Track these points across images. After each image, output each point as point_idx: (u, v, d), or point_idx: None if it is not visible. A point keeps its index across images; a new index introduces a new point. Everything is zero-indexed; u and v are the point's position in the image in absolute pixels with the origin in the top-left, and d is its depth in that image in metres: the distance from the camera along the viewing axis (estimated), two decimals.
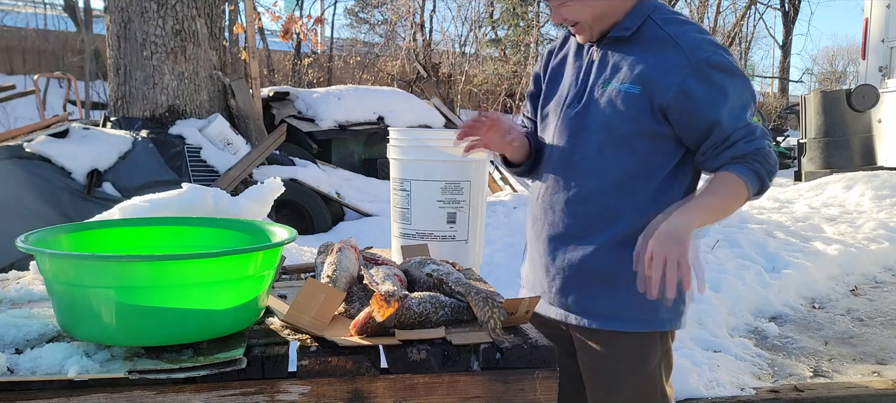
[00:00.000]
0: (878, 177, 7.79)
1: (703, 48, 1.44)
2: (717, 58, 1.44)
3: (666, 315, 1.54)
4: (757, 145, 1.43)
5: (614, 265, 1.52)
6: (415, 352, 1.11)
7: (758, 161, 1.43)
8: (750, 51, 29.67)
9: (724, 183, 1.43)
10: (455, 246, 1.93)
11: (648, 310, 1.52)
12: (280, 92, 7.49)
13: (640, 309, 1.52)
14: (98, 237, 1.33)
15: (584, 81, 1.58)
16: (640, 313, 1.52)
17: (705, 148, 1.47)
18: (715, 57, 1.44)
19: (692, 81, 1.43)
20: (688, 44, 1.45)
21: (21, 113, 10.22)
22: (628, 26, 1.51)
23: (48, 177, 4.48)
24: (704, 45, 1.45)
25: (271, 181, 1.77)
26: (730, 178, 1.42)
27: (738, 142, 1.43)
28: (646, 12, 1.52)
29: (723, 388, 2.98)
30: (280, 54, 20.41)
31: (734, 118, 1.43)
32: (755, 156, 1.43)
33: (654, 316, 1.53)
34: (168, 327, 1.06)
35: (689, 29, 1.49)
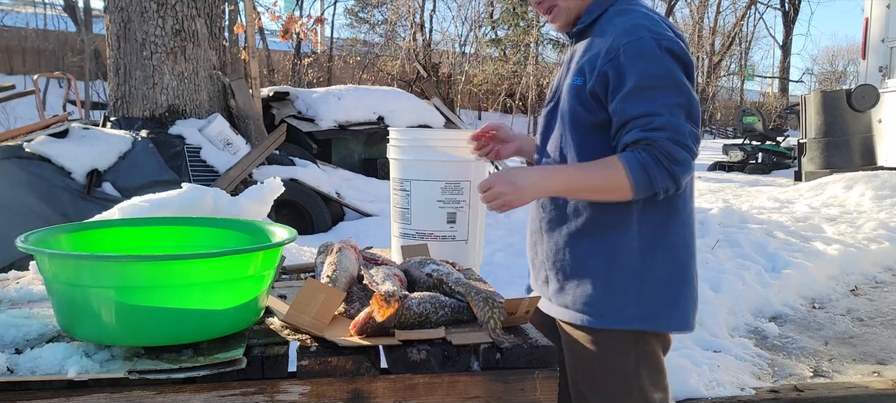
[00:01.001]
0: (878, 177, 7.79)
1: (628, 32, 1.39)
2: (635, 43, 1.37)
3: (635, 313, 1.47)
4: (648, 135, 1.34)
5: (581, 258, 1.51)
6: (415, 352, 1.11)
7: (645, 150, 1.34)
8: (750, 51, 29.68)
9: (603, 164, 1.39)
10: (455, 246, 1.93)
11: (616, 307, 1.48)
12: (280, 92, 7.49)
13: (608, 305, 1.48)
14: (98, 237, 1.33)
15: (559, 80, 1.60)
16: (608, 309, 1.48)
17: (613, 131, 1.42)
18: (633, 42, 1.38)
19: (610, 66, 1.39)
20: (619, 31, 1.41)
21: (21, 113, 10.22)
22: (585, 19, 1.51)
23: (48, 177, 4.48)
24: (632, 30, 1.39)
25: (271, 181, 1.77)
26: (610, 161, 1.38)
27: (633, 128, 1.36)
28: (605, 4, 1.50)
29: (723, 388, 2.98)
30: (280, 54, 20.41)
31: (633, 104, 1.35)
32: (643, 143, 1.34)
33: (620, 313, 1.48)
34: (168, 327, 1.06)
35: (634, 16, 1.43)
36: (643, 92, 1.35)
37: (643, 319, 1.48)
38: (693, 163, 1.39)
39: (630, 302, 1.47)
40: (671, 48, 1.38)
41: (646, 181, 1.34)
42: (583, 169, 1.43)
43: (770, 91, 29.57)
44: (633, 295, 1.48)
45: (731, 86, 29.55)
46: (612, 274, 1.48)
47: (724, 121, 27.10)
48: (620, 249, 1.47)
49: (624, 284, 1.47)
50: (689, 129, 1.36)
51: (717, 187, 9.52)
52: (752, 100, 28.46)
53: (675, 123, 1.35)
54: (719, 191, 9.00)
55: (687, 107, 1.37)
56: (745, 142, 12.64)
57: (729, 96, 29.05)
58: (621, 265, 1.47)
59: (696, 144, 1.37)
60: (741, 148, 12.39)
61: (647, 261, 1.48)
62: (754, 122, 12.41)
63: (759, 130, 12.36)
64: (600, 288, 1.47)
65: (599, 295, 1.48)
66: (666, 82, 1.37)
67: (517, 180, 1.41)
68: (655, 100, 1.35)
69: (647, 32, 1.38)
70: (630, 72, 1.37)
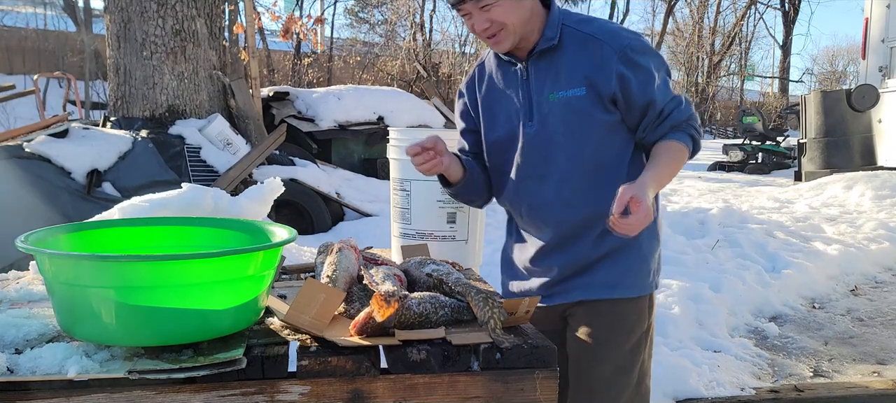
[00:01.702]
0: (878, 177, 7.79)
1: (621, 36, 1.57)
2: (636, 42, 1.57)
3: (654, 277, 1.68)
4: (687, 112, 1.59)
5: (606, 245, 1.62)
6: (415, 352, 1.11)
7: (691, 125, 1.60)
8: (750, 51, 29.68)
9: (670, 150, 1.56)
10: (455, 246, 1.93)
11: (643, 274, 1.65)
12: (280, 92, 7.49)
13: (638, 274, 1.64)
14: (98, 237, 1.33)
15: (527, 99, 1.63)
16: (638, 278, 1.64)
17: (645, 124, 1.59)
18: (634, 41, 1.56)
19: (623, 67, 1.54)
20: (607, 36, 1.56)
21: (21, 113, 10.22)
22: (551, 36, 1.58)
23: (48, 177, 4.48)
24: (620, 33, 1.58)
25: (271, 181, 1.77)
26: (673, 146, 1.56)
27: (671, 112, 1.57)
28: (559, 20, 1.60)
29: (723, 388, 2.98)
30: (280, 54, 20.41)
31: (663, 93, 1.57)
32: (689, 122, 1.59)
33: (645, 279, 1.65)
34: (168, 327, 1.06)
35: (601, 23, 1.62)
36: (666, 82, 1.60)
37: (654, 282, 1.68)
38: None
39: (651, 267, 1.66)
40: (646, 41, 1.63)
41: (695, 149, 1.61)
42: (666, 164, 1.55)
43: (770, 91, 29.56)
44: (653, 260, 1.67)
45: (731, 86, 29.55)
46: (644, 244, 1.64)
47: (724, 121, 27.10)
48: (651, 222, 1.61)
49: (649, 252, 1.66)
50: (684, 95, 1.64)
51: (717, 187, 9.52)
52: (752, 100, 28.46)
53: (685, 98, 1.62)
54: (719, 191, 9.00)
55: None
56: (745, 142, 12.64)
57: (729, 96, 29.05)
58: (652, 232, 1.64)
59: None
60: (741, 148, 12.39)
61: (656, 226, 1.68)
62: (754, 122, 12.41)
63: (759, 130, 12.35)
64: (634, 260, 1.63)
65: (631, 267, 1.63)
66: (664, 68, 1.60)
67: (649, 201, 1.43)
68: (668, 85, 1.60)
69: (632, 33, 1.60)
70: (648, 67, 1.56)
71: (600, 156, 1.59)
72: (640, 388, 1.69)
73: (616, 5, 25.92)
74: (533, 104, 1.61)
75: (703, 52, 26.62)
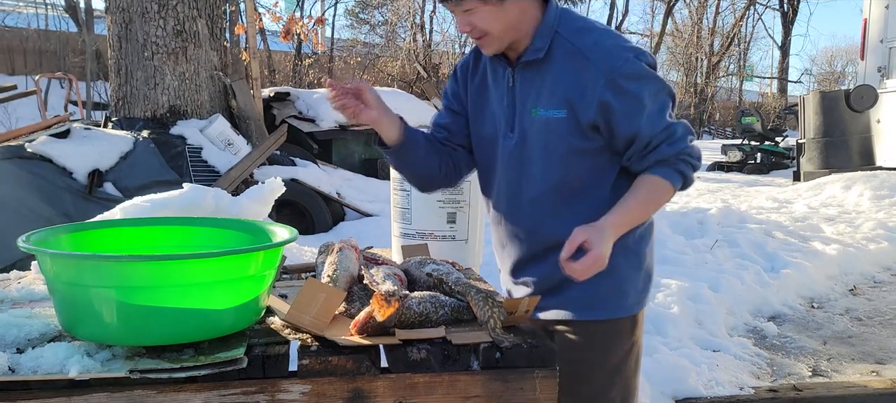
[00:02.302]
0: (876, 177, 7.80)
1: (614, 56, 1.41)
2: (628, 66, 1.41)
3: (634, 298, 1.58)
4: (678, 147, 1.44)
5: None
6: (415, 352, 1.11)
7: (681, 160, 1.45)
8: (749, 51, 29.68)
9: (649, 186, 1.45)
10: (455, 246, 1.94)
11: (621, 296, 1.56)
12: (281, 92, 7.50)
13: (615, 296, 1.55)
14: (99, 237, 1.34)
15: (510, 109, 1.54)
16: (614, 300, 1.55)
17: (630, 154, 1.47)
18: (626, 66, 1.41)
19: (609, 95, 1.41)
20: (598, 55, 1.42)
21: (22, 113, 10.23)
22: (540, 46, 1.47)
23: (49, 177, 4.48)
24: (614, 53, 1.42)
25: (272, 181, 1.77)
26: (654, 182, 1.45)
27: (659, 145, 1.43)
28: (552, 26, 1.47)
29: (722, 388, 2.98)
30: (281, 55, 20.42)
31: (652, 124, 1.43)
32: (678, 157, 1.45)
33: (623, 301, 1.56)
34: (169, 327, 1.06)
35: (598, 37, 1.45)
36: (661, 110, 1.45)
37: (637, 303, 1.58)
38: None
39: (632, 289, 1.56)
40: (651, 63, 1.46)
41: (686, 186, 1.48)
42: (639, 203, 1.46)
43: (769, 91, 29.56)
44: (634, 281, 1.57)
45: (729, 86, 29.54)
46: (621, 267, 1.52)
47: (723, 122, 27.11)
48: (631, 241, 1.54)
49: (629, 273, 1.56)
50: (683, 123, 1.48)
51: (716, 187, 9.52)
52: (750, 100, 28.45)
53: (683, 126, 1.47)
54: (718, 191, 9.00)
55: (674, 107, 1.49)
56: (743, 142, 12.64)
57: (728, 97, 29.05)
58: (629, 255, 1.55)
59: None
60: (740, 148, 12.39)
61: (643, 246, 1.58)
62: (753, 123, 12.41)
63: (758, 131, 12.35)
64: (611, 281, 1.50)
65: (609, 288, 1.52)
66: (662, 95, 1.45)
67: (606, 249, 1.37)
68: (664, 114, 1.45)
69: (630, 53, 1.42)
70: (638, 95, 1.42)
71: (578, 181, 1.50)
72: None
73: (615, 6, 25.91)
74: (516, 115, 1.53)
75: (701, 53, 26.61)
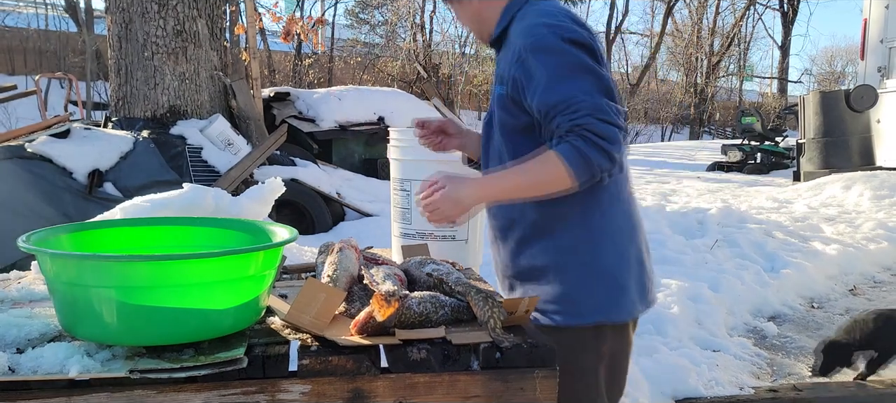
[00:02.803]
0: (876, 177, 7.80)
1: (527, 33, 1.43)
2: (535, 41, 1.41)
3: (591, 306, 1.48)
4: (575, 120, 1.34)
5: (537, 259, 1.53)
6: (415, 352, 1.11)
7: (577, 134, 1.34)
8: (749, 51, 29.68)
9: (539, 160, 1.39)
10: (455, 246, 1.94)
11: (574, 303, 1.49)
12: (281, 92, 7.49)
13: (567, 302, 1.49)
14: (99, 237, 1.34)
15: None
16: (567, 306, 1.49)
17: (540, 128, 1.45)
18: (532, 40, 1.41)
19: (517, 69, 1.43)
20: (521, 35, 1.45)
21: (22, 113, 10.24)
22: (495, 31, 1.55)
23: (49, 177, 4.48)
24: (529, 30, 1.43)
25: (272, 181, 1.77)
26: (545, 155, 1.38)
27: (555, 117, 1.37)
28: (512, 12, 1.52)
29: (722, 388, 2.98)
30: (281, 55, 20.43)
31: (548, 95, 1.37)
32: (573, 130, 1.35)
33: (578, 309, 1.48)
34: (169, 327, 1.06)
35: (531, 17, 1.47)
36: (557, 82, 1.37)
37: (597, 311, 1.49)
38: (622, 136, 1.38)
39: (586, 296, 1.48)
40: (573, 38, 1.40)
41: (584, 164, 1.35)
42: (520, 170, 1.43)
43: (769, 91, 29.57)
44: (588, 289, 1.49)
45: (729, 86, 29.55)
46: (567, 271, 1.49)
47: (723, 122, 27.11)
48: (573, 244, 1.48)
49: (579, 279, 1.49)
50: (609, 105, 1.37)
51: (716, 187, 9.52)
52: (750, 100, 28.46)
53: (595, 103, 1.36)
54: (718, 191, 9.01)
55: (602, 88, 1.39)
56: (743, 142, 12.64)
57: (728, 97, 29.06)
58: (575, 259, 1.49)
59: (620, 118, 1.38)
60: (740, 148, 12.39)
61: (596, 252, 1.49)
62: (753, 123, 12.41)
63: (758, 130, 12.35)
64: (558, 286, 1.48)
65: (558, 294, 1.49)
66: (576, 69, 1.38)
67: (460, 195, 1.43)
68: (572, 86, 1.36)
69: (545, 28, 1.41)
70: (540, 69, 1.39)
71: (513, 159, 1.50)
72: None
73: (615, 6, 25.93)
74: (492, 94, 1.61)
75: (701, 53, 26.62)
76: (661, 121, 26.83)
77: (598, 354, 1.52)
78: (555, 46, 1.39)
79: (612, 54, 26.69)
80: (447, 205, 1.43)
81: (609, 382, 1.56)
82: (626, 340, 1.59)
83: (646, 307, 1.57)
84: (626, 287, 1.51)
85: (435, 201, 1.44)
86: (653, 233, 5.25)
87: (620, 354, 1.57)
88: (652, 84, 28.56)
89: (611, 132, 1.34)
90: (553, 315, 1.50)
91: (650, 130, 25.78)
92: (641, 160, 13.79)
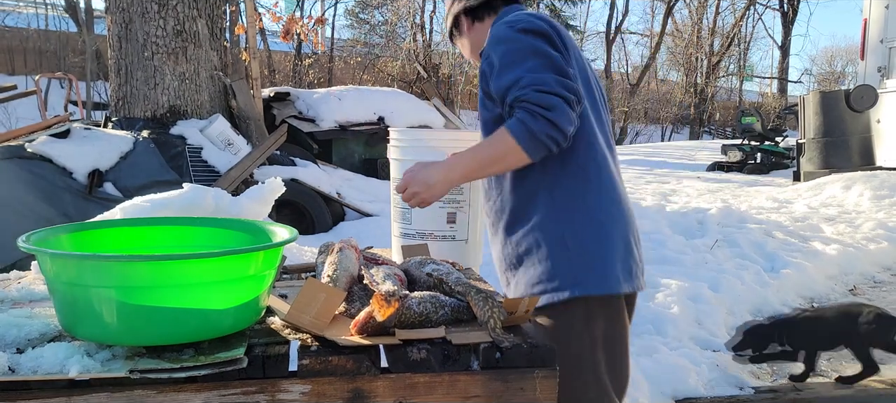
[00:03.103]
0: (876, 177, 7.80)
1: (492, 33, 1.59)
2: (494, 35, 1.56)
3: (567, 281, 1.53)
4: (517, 94, 1.45)
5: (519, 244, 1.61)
6: (415, 352, 1.11)
7: (519, 109, 1.45)
8: (749, 51, 29.69)
9: (492, 136, 1.50)
10: (455, 246, 1.93)
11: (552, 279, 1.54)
12: (281, 92, 7.49)
13: (547, 280, 1.55)
14: (99, 237, 1.34)
15: None
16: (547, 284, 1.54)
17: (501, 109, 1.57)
18: (493, 35, 1.57)
19: (484, 64, 1.57)
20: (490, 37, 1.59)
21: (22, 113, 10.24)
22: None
23: (49, 177, 4.49)
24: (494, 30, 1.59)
25: (272, 181, 1.77)
26: (497, 132, 1.49)
27: (505, 96, 1.49)
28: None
29: (722, 388, 2.98)
30: (281, 55, 20.44)
31: (502, 77, 1.50)
32: (516, 104, 1.45)
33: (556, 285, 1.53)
34: (169, 327, 1.06)
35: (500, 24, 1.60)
36: (508, 67, 1.50)
37: (576, 284, 1.52)
38: (567, 106, 1.44)
39: (565, 270, 1.54)
40: (525, 27, 1.52)
41: (527, 134, 1.43)
42: (478, 147, 1.55)
43: (769, 91, 29.58)
44: (563, 264, 1.54)
45: (729, 86, 29.56)
46: (541, 249, 1.56)
47: (723, 122, 27.12)
48: (545, 223, 1.56)
49: (554, 255, 1.55)
50: (553, 78, 1.45)
51: (716, 187, 9.53)
52: (750, 100, 28.47)
53: (538, 78, 1.45)
54: (718, 191, 9.01)
55: (550, 66, 1.48)
56: (743, 142, 12.64)
57: (728, 97, 29.07)
58: (548, 238, 1.56)
59: (564, 90, 1.44)
60: (740, 148, 12.40)
61: (568, 228, 1.55)
62: (753, 123, 12.41)
63: (758, 130, 12.36)
64: (538, 266, 1.56)
65: (539, 273, 1.56)
66: (524, 52, 1.49)
67: (429, 178, 1.56)
68: (519, 69, 1.48)
69: (504, 25, 1.56)
70: (494, 57, 1.53)
71: None
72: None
73: (615, 6, 25.93)
74: None
75: (701, 53, 26.63)
76: (661, 121, 26.85)
77: (591, 336, 1.55)
78: (508, 36, 1.52)
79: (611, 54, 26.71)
80: (420, 188, 1.56)
81: (609, 368, 1.57)
82: (620, 322, 1.60)
83: (631, 288, 1.59)
84: (608, 260, 1.55)
85: (409, 187, 1.58)
86: (653, 233, 5.25)
87: (616, 337, 1.59)
88: (652, 84, 28.57)
89: (551, 101, 1.42)
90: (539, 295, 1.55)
91: (650, 130, 25.80)
92: (641, 160, 13.79)
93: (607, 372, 1.57)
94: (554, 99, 1.42)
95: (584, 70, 1.64)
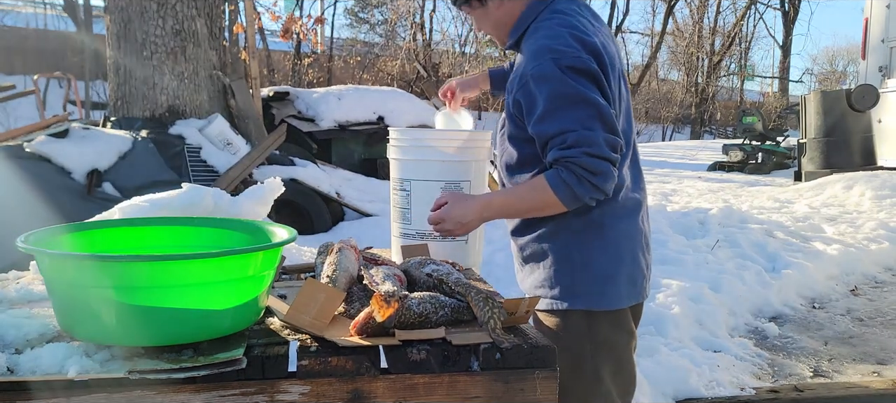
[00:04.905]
0: (877, 177, 7.79)
1: (533, 57, 1.49)
2: (538, 69, 1.46)
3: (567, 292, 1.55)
4: (565, 154, 1.43)
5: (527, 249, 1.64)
6: (415, 352, 1.11)
7: (566, 168, 1.43)
8: (750, 51, 29.69)
9: (532, 186, 1.51)
10: (455, 246, 1.93)
11: (553, 288, 1.57)
12: (280, 92, 7.48)
13: (549, 287, 1.58)
14: (98, 237, 1.34)
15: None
16: (549, 291, 1.58)
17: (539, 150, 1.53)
18: (537, 69, 1.46)
19: (520, 93, 1.51)
20: (527, 56, 1.52)
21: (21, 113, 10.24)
22: (513, 35, 1.61)
23: (48, 177, 4.48)
24: (536, 55, 1.48)
25: (271, 181, 1.77)
26: (538, 180, 1.49)
27: (551, 149, 1.46)
28: (527, 21, 1.58)
29: (723, 388, 2.98)
30: (280, 54, 20.43)
31: (545, 126, 1.46)
32: (563, 163, 1.43)
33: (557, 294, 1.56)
34: (168, 327, 1.06)
35: (541, 36, 1.51)
36: (553, 113, 1.45)
37: (575, 297, 1.55)
38: (613, 168, 1.44)
39: (563, 282, 1.56)
40: (573, 65, 1.44)
41: (571, 196, 1.44)
42: (516, 194, 1.57)
43: (770, 91, 29.58)
44: (566, 276, 1.56)
45: (730, 86, 29.57)
46: (548, 257, 1.59)
47: (724, 121, 27.12)
48: (554, 235, 1.57)
49: (558, 264, 1.57)
50: (603, 138, 1.43)
51: (717, 187, 9.52)
52: (751, 100, 28.48)
53: (587, 136, 1.42)
54: (719, 191, 9.01)
55: (599, 117, 1.43)
56: (744, 142, 12.64)
57: (729, 96, 29.07)
58: (554, 247, 1.58)
59: (612, 152, 1.44)
60: (741, 148, 12.39)
61: (577, 243, 1.56)
62: (754, 122, 12.41)
63: (759, 130, 12.36)
64: (542, 271, 1.59)
65: (541, 278, 1.59)
66: (572, 100, 1.43)
67: (463, 216, 1.56)
68: (566, 118, 1.43)
69: (549, 55, 1.45)
70: (538, 97, 1.46)
71: (521, 167, 1.60)
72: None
73: (616, 5, 25.90)
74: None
75: (702, 53, 26.63)
76: (661, 121, 26.84)
77: (592, 340, 1.55)
78: (554, 75, 1.44)
79: None
80: (452, 225, 1.57)
81: (613, 373, 1.57)
82: (625, 330, 1.61)
83: (635, 300, 1.61)
84: (611, 278, 1.56)
85: (441, 220, 1.57)
86: (654, 233, 5.23)
87: (620, 344, 1.60)
88: (653, 83, 28.56)
89: (599, 166, 1.42)
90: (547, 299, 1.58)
91: (651, 130, 25.79)
92: (642, 160, 13.75)
93: (611, 377, 1.57)
94: (603, 164, 1.42)
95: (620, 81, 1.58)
